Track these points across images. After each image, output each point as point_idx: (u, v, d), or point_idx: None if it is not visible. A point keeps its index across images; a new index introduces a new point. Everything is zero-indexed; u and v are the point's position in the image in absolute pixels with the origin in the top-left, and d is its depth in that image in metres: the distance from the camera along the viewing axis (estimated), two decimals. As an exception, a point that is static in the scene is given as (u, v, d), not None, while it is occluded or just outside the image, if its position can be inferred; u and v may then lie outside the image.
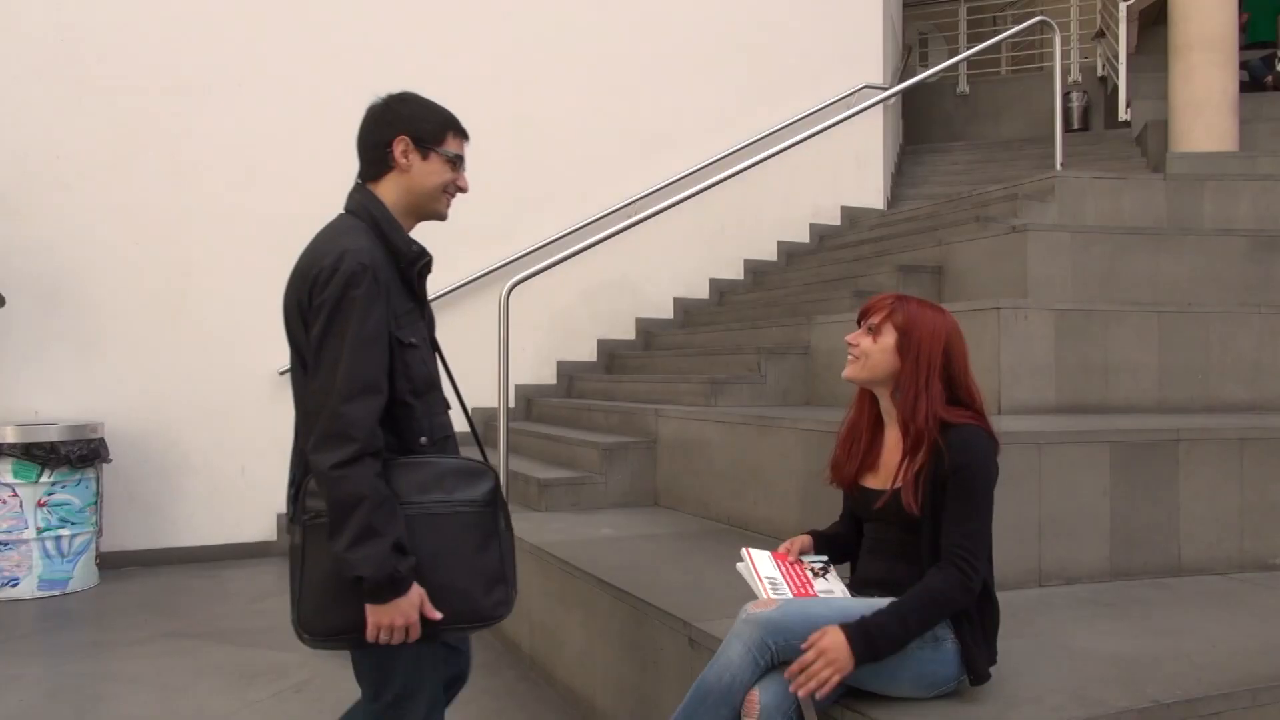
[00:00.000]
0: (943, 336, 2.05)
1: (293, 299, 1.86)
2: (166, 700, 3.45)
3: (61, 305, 5.64)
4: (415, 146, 1.93)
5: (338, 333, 1.73)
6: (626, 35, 7.25)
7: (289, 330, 1.89)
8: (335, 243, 1.83)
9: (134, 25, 5.84)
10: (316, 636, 1.78)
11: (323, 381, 1.73)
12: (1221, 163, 6.98)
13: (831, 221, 7.86)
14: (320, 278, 1.77)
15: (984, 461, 1.99)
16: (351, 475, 1.67)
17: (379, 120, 1.96)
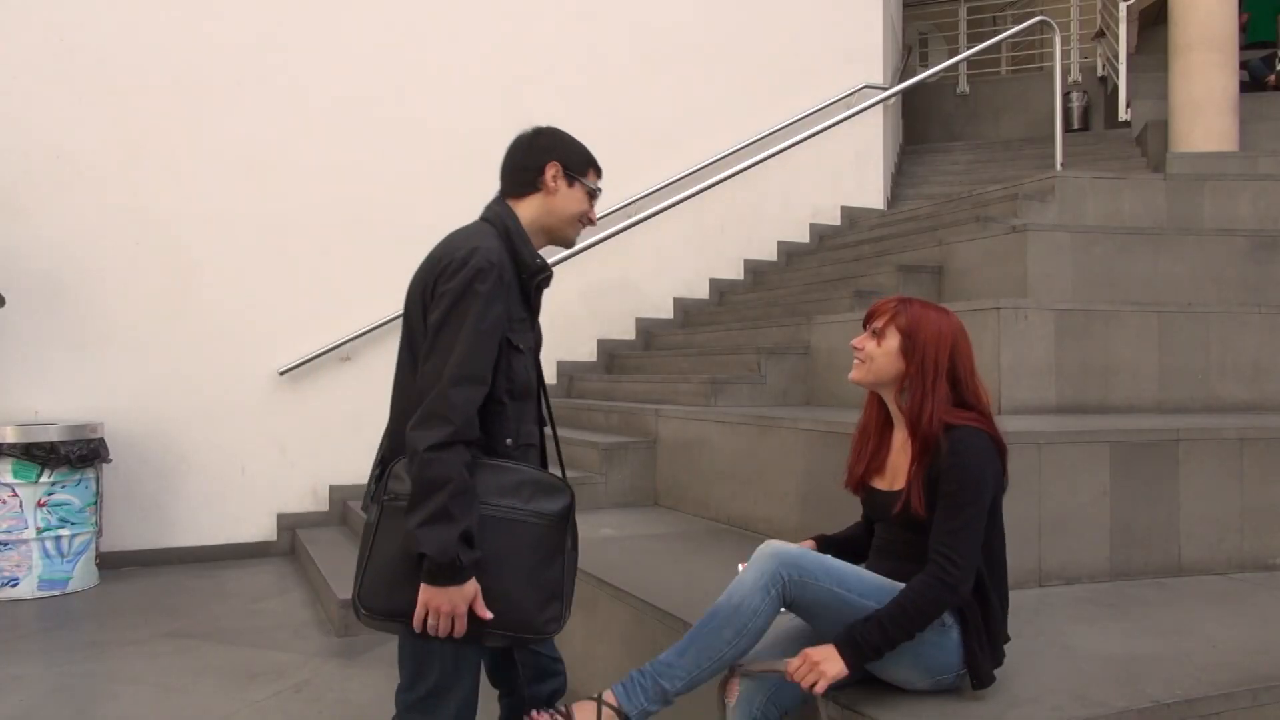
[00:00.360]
0: (949, 339, 2.06)
1: (418, 287, 1.95)
2: (166, 700, 3.45)
3: (61, 305, 5.64)
4: (564, 173, 2.06)
5: (456, 321, 1.81)
6: (626, 35, 7.25)
7: (408, 316, 1.98)
8: (468, 240, 1.92)
9: (135, 26, 5.84)
10: (373, 614, 1.82)
11: (435, 365, 1.80)
12: (1221, 163, 6.97)
13: (831, 221, 7.86)
14: (449, 268, 1.85)
15: (977, 463, 1.97)
16: (442, 458, 1.73)
17: (533, 145, 2.09)
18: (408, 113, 6.49)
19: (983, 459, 1.98)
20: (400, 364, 1.99)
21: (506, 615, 1.81)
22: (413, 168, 6.46)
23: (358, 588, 1.84)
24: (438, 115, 6.58)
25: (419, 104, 6.53)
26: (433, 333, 1.83)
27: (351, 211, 6.28)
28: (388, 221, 6.32)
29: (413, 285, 1.98)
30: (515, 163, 2.09)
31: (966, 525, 1.94)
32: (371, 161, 6.37)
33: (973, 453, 1.96)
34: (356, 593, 1.84)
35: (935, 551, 1.91)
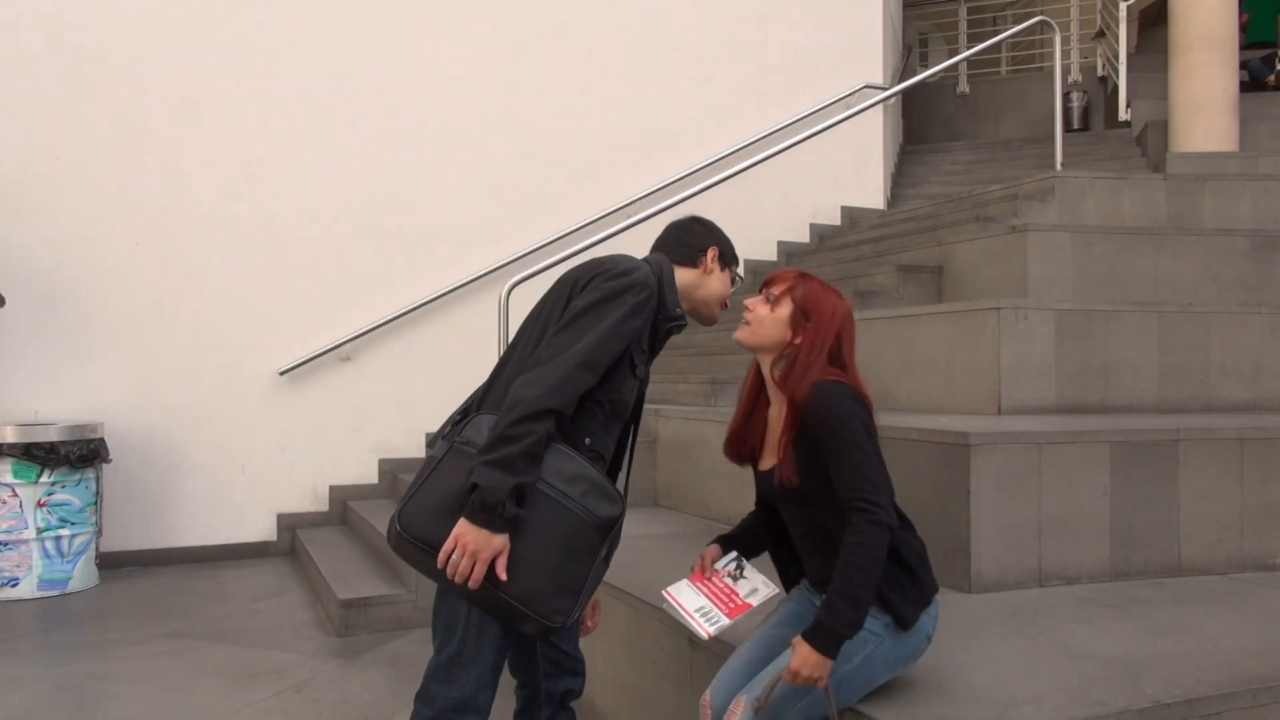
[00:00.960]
0: (839, 320, 2.09)
1: (569, 280, 2.04)
2: (166, 700, 3.45)
3: (61, 305, 5.64)
4: (721, 261, 2.27)
5: (599, 313, 1.93)
6: (626, 35, 7.25)
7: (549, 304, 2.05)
8: (635, 263, 2.06)
9: (134, 27, 5.84)
10: (407, 535, 1.87)
11: (565, 341, 1.91)
12: (1221, 163, 6.98)
13: (831, 221, 7.86)
14: (611, 271, 1.99)
15: (838, 405, 1.95)
16: (535, 416, 1.82)
17: (699, 230, 2.29)
18: (408, 114, 6.49)
19: (842, 399, 1.96)
20: (523, 343, 2.04)
21: (521, 585, 1.86)
22: (412, 168, 6.46)
23: (400, 507, 1.90)
24: (438, 116, 6.58)
25: (419, 105, 6.53)
26: (572, 315, 1.94)
27: (351, 212, 6.28)
28: (387, 222, 6.33)
29: (563, 279, 2.07)
30: (678, 239, 2.26)
31: (861, 459, 1.92)
32: (371, 162, 6.37)
33: (829, 397, 1.96)
34: (398, 512, 1.89)
35: (850, 502, 1.89)
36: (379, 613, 4.30)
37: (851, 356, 2.10)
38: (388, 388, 6.26)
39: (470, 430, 1.92)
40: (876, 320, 4.38)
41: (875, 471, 1.93)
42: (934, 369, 3.99)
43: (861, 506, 1.87)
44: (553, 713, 2.23)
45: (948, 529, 2.89)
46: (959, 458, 2.85)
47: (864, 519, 1.86)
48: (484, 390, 2.06)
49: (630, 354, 2.01)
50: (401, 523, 1.89)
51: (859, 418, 1.96)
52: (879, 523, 1.86)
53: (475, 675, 1.97)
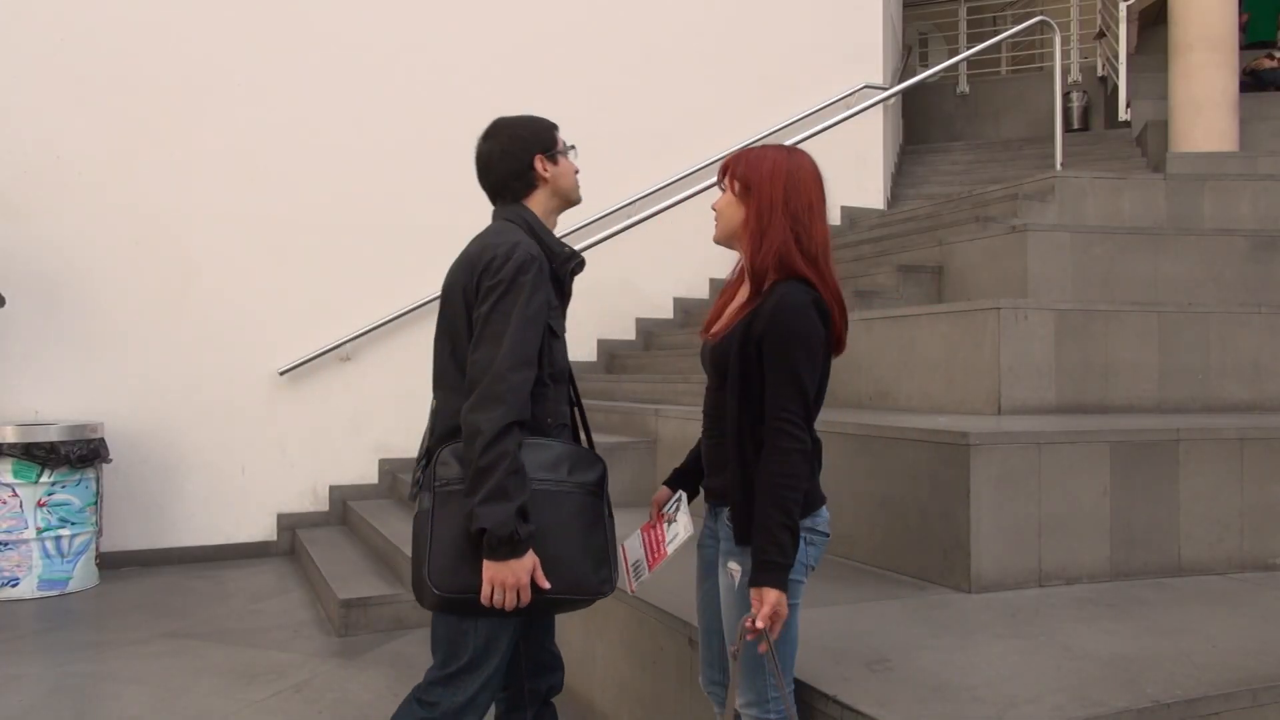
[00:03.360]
0: (782, 173, 1.94)
1: (458, 283, 2.02)
2: (166, 700, 3.45)
3: (62, 305, 5.64)
4: (548, 157, 2.19)
5: (505, 310, 1.91)
6: (626, 35, 7.25)
7: (447, 313, 2.06)
8: (505, 237, 2.01)
9: (134, 26, 5.84)
10: (445, 592, 1.88)
11: (486, 352, 1.89)
12: (1221, 163, 6.98)
13: (832, 221, 7.84)
14: (494, 264, 1.95)
15: (790, 323, 1.85)
16: (503, 439, 1.83)
17: (508, 151, 2.16)
18: (407, 115, 6.49)
19: (800, 319, 1.85)
20: (440, 356, 2.06)
21: (565, 579, 1.92)
22: (412, 169, 6.46)
23: (426, 572, 1.90)
24: (437, 117, 6.58)
25: (419, 106, 6.53)
26: (481, 323, 1.93)
27: (351, 212, 6.28)
28: (387, 222, 6.33)
29: (451, 283, 2.05)
30: (502, 173, 2.15)
31: (791, 381, 1.85)
32: (371, 162, 6.37)
33: (788, 313, 1.85)
34: (427, 575, 1.89)
35: (771, 426, 1.84)
36: (379, 613, 4.30)
37: (809, 211, 1.94)
38: (388, 388, 6.25)
39: (442, 469, 1.93)
40: (876, 320, 4.38)
41: (797, 395, 1.85)
42: (934, 369, 3.99)
43: (786, 429, 1.83)
44: (537, 711, 2.24)
45: (948, 529, 2.89)
46: (959, 458, 2.85)
47: (782, 445, 1.83)
48: (432, 422, 2.06)
49: (548, 324, 2.02)
50: (437, 585, 1.88)
51: (811, 335, 1.86)
52: (799, 450, 1.84)
53: (482, 680, 2.00)
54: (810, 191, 1.96)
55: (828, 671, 2.15)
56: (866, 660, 2.23)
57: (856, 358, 4.51)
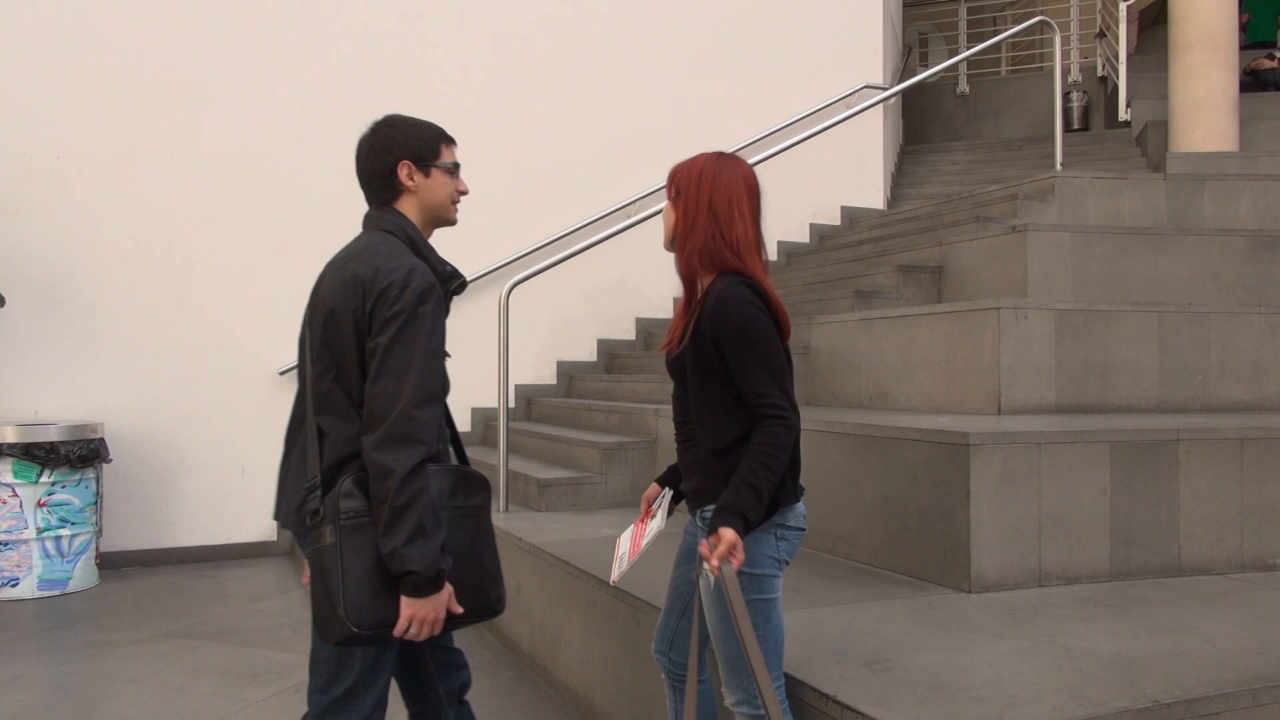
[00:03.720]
0: (709, 177, 2.02)
1: (345, 307, 1.89)
2: (166, 700, 3.45)
3: (61, 305, 5.64)
4: (418, 167, 2.05)
5: (408, 343, 1.82)
6: (626, 35, 7.25)
7: (330, 337, 1.91)
8: (397, 260, 1.91)
9: (134, 26, 5.84)
10: (363, 629, 1.81)
11: (387, 386, 1.81)
12: (1221, 163, 6.98)
13: (831, 221, 7.86)
14: (390, 292, 1.85)
15: (739, 311, 1.89)
16: (416, 477, 1.78)
17: (376, 149, 2.06)
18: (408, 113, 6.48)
19: (742, 306, 1.89)
20: (322, 380, 1.91)
21: (472, 602, 1.92)
22: (413, 168, 6.46)
23: (342, 609, 1.80)
24: (437, 117, 6.56)
25: (418, 105, 6.51)
26: (381, 354, 1.82)
27: (351, 212, 6.25)
28: (388, 221, 6.32)
29: (336, 306, 1.90)
30: (367, 171, 2.06)
31: (760, 364, 1.88)
32: (371, 161, 6.36)
33: (731, 303, 1.89)
34: (343, 612, 1.80)
35: (759, 409, 1.87)
36: (379, 613, 4.30)
37: (729, 208, 2.00)
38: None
39: (346, 501, 1.82)
40: (876, 320, 4.38)
41: (774, 374, 1.88)
42: (934, 369, 3.99)
43: (770, 414, 1.86)
44: (457, 711, 2.22)
45: (948, 529, 2.89)
46: (959, 458, 2.85)
47: (776, 424, 1.86)
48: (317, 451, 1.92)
49: None
50: (355, 622, 1.79)
51: (759, 318, 1.90)
52: (790, 427, 1.87)
53: (372, 699, 1.98)
54: (735, 192, 2.02)
55: (828, 671, 2.15)
56: (866, 660, 2.23)
57: (857, 358, 4.51)
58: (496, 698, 3.43)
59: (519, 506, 4.62)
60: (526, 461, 5.30)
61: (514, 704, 3.38)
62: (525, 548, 3.80)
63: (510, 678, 3.66)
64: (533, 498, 4.60)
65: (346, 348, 1.89)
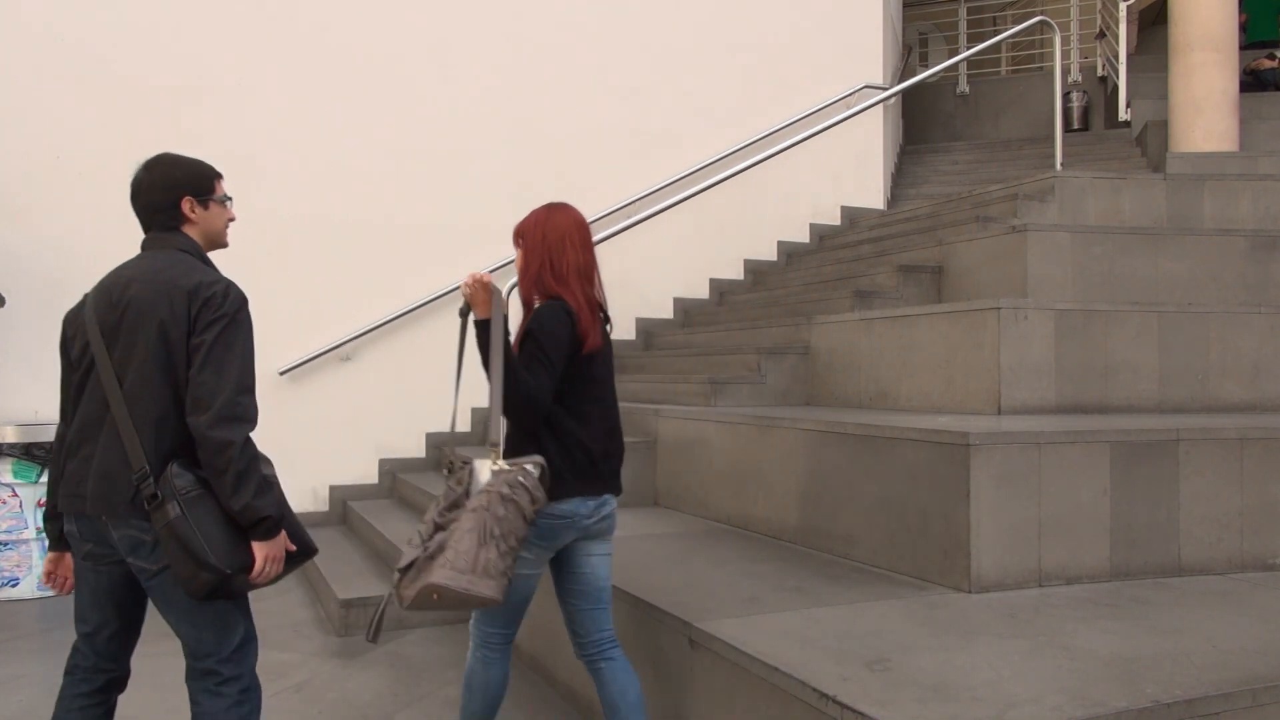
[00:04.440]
0: (541, 223, 2.55)
1: (176, 313, 2.20)
2: (166, 700, 3.45)
3: (62, 305, 5.59)
4: (199, 201, 2.43)
5: (229, 342, 2.19)
6: (626, 35, 7.25)
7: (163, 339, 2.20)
8: (209, 275, 2.28)
9: (135, 26, 5.84)
10: (234, 569, 2.16)
11: (213, 376, 2.16)
12: (1221, 163, 6.98)
13: (831, 221, 7.86)
14: (214, 301, 2.21)
15: (545, 321, 2.39)
16: (249, 446, 2.20)
17: (156, 186, 2.45)
18: (408, 115, 6.49)
19: (549, 317, 2.38)
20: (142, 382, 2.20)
21: (301, 544, 2.35)
22: (413, 168, 6.46)
23: (210, 559, 2.13)
24: (438, 118, 6.58)
25: (419, 106, 6.53)
26: (206, 350, 2.17)
27: (352, 212, 6.28)
28: (388, 222, 6.33)
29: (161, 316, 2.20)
30: (150, 205, 2.43)
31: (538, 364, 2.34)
32: (372, 162, 6.37)
33: (543, 315, 2.40)
34: (212, 560, 2.13)
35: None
36: (379, 613, 4.30)
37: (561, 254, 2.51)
38: (388, 388, 6.25)
39: (180, 480, 2.15)
40: (876, 320, 4.38)
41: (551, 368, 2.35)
42: (934, 369, 3.99)
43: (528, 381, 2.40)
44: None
45: (948, 529, 2.89)
46: (959, 458, 2.85)
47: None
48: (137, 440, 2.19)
49: None
50: (226, 564, 2.15)
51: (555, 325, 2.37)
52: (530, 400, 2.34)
53: (254, 644, 2.39)
54: (564, 231, 2.53)
55: (828, 671, 2.15)
56: (866, 660, 2.23)
57: (856, 358, 4.51)
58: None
59: (519, 506, 4.62)
60: (526, 461, 5.29)
61: (514, 704, 3.38)
62: (525, 548, 3.80)
63: (511, 678, 3.65)
64: (533, 498, 4.59)
65: (175, 349, 2.20)
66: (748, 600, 2.79)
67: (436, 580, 2.11)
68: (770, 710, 2.21)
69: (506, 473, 2.21)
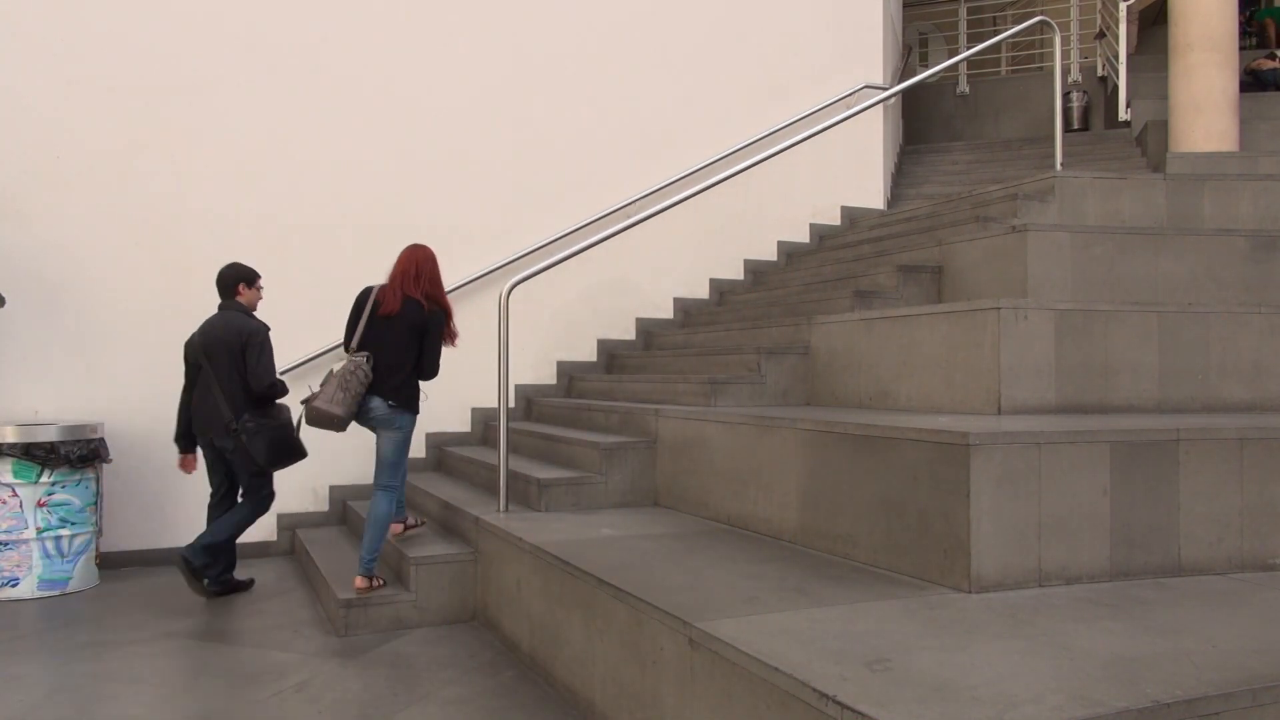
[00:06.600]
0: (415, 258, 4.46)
1: (235, 343, 4.79)
2: (166, 700, 3.45)
3: (61, 305, 5.64)
4: (247, 285, 5.01)
5: (264, 353, 4.85)
6: (626, 35, 7.25)
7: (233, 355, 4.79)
8: (250, 323, 4.89)
9: (134, 26, 5.84)
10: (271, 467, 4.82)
11: (263, 370, 4.81)
12: (1221, 163, 6.98)
13: (831, 221, 7.86)
14: (254, 336, 4.83)
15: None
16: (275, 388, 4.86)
17: (226, 277, 5.00)
18: (408, 114, 6.49)
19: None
20: (228, 375, 4.76)
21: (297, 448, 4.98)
22: (411, 168, 6.46)
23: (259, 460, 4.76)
24: (438, 116, 6.58)
25: (419, 105, 6.54)
26: (255, 358, 4.79)
27: (351, 212, 6.28)
28: (387, 222, 6.33)
29: (229, 342, 4.80)
30: (223, 284, 4.99)
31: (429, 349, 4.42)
32: (370, 162, 6.37)
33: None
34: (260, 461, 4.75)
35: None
36: (379, 613, 4.30)
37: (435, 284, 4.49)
38: (388, 388, 6.25)
39: (245, 424, 4.71)
40: (876, 320, 4.38)
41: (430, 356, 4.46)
42: (934, 369, 3.99)
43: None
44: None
45: (948, 529, 2.89)
46: (959, 458, 2.85)
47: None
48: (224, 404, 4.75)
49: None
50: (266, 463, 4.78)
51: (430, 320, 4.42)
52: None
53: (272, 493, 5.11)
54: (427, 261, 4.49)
55: (828, 671, 2.15)
56: (866, 660, 2.23)
57: (856, 358, 4.51)
58: (496, 698, 3.43)
59: (519, 506, 4.62)
60: (526, 461, 5.30)
61: (514, 704, 3.38)
62: (525, 548, 3.80)
63: (510, 678, 3.66)
64: (533, 498, 4.60)
65: (237, 358, 4.77)
66: (748, 600, 2.80)
67: (315, 404, 4.17)
68: (770, 710, 2.21)
69: (354, 360, 4.25)
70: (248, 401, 4.68)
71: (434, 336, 4.33)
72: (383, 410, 4.26)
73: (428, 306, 4.33)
